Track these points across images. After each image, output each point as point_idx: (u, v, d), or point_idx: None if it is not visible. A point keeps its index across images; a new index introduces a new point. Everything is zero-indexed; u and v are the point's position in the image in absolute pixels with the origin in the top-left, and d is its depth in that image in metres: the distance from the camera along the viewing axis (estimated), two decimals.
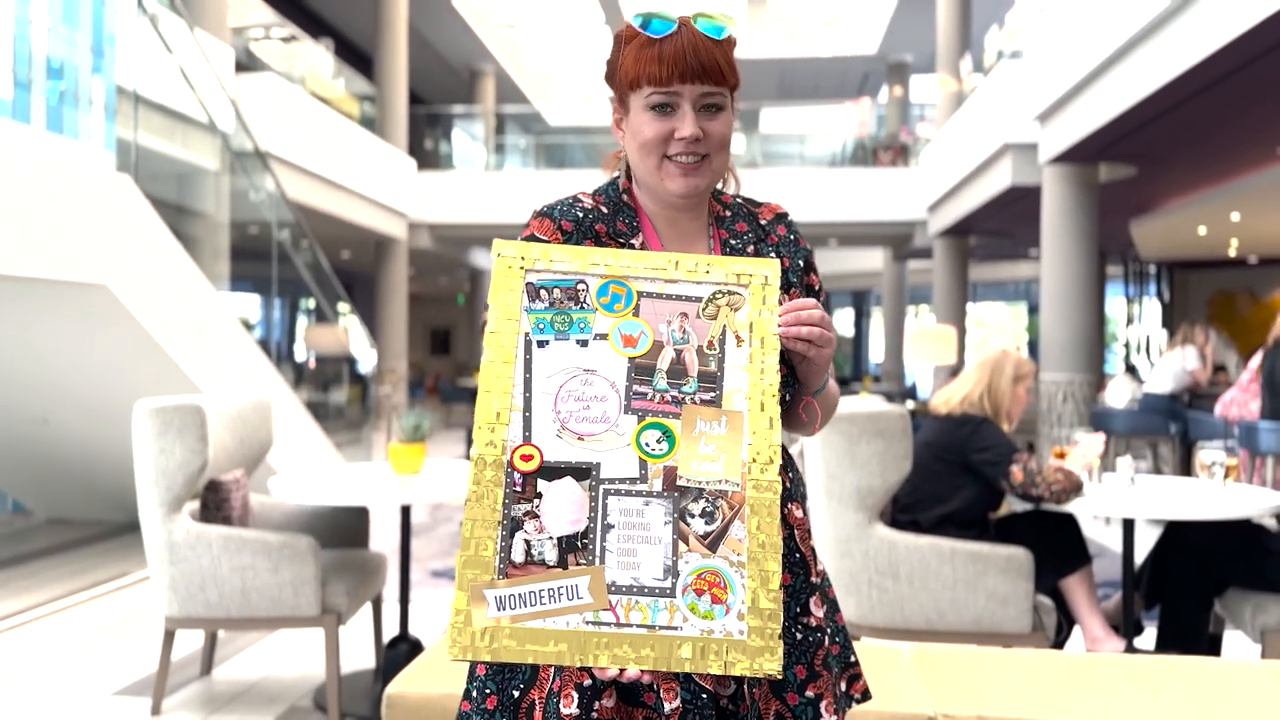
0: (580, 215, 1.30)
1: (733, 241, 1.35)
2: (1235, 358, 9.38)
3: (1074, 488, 3.10)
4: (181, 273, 5.28)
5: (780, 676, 1.03)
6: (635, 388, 1.10)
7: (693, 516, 1.05)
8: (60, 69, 4.57)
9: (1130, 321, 17.88)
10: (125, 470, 4.51)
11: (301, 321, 15.38)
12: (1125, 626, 3.23)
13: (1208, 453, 3.39)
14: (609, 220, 1.32)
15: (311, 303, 9.59)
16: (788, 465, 1.35)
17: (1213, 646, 3.34)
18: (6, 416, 5.45)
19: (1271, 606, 3.00)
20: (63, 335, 4.87)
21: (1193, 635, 3.25)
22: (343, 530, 3.59)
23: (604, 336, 1.12)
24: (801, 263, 1.38)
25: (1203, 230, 12.44)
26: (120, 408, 4.68)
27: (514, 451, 1.07)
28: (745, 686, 1.22)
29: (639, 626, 1.02)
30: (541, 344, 1.11)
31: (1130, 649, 3.20)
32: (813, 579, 1.32)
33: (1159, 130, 7.61)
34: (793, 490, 1.33)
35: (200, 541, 3.05)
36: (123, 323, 4.74)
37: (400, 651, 3.31)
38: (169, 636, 3.14)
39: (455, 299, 24.15)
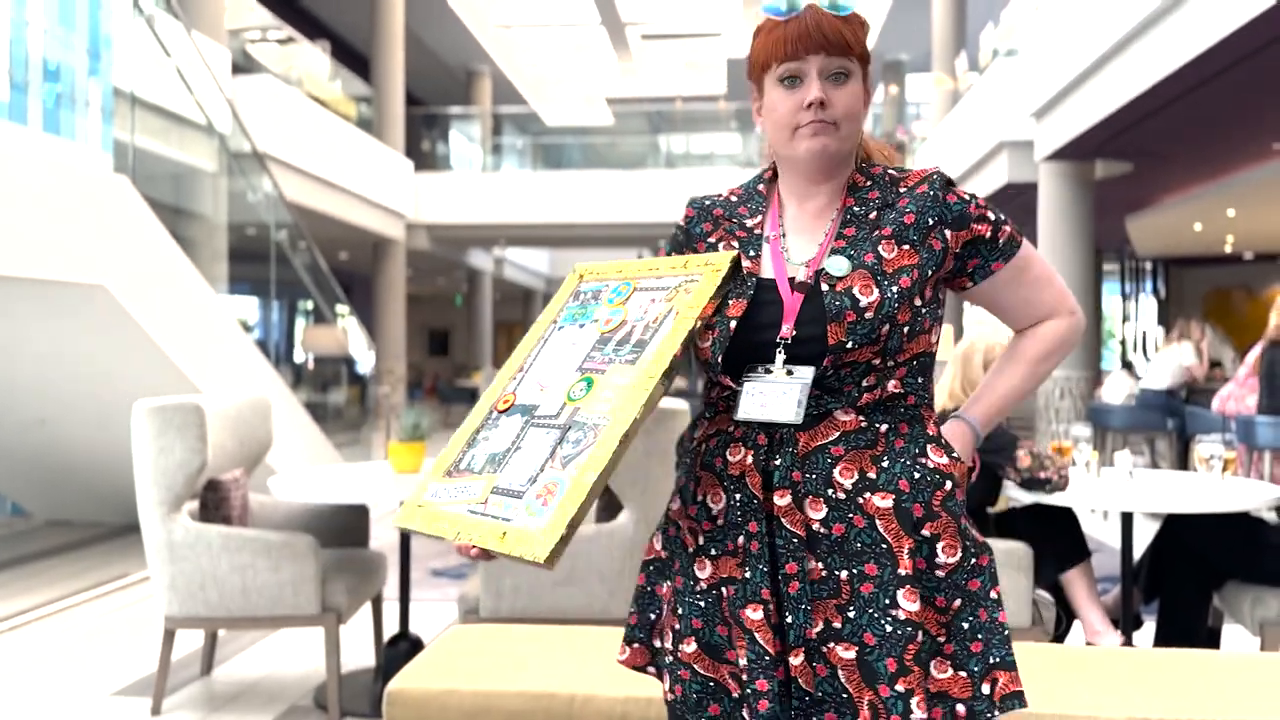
0: (707, 204, 1.48)
1: (856, 208, 1.36)
2: (1231, 353, 9.38)
3: (1066, 476, 3.12)
4: (179, 274, 5.28)
5: (541, 563, 1.14)
6: (591, 353, 1.35)
7: (567, 442, 1.24)
8: (57, 71, 4.57)
9: (1126, 318, 17.91)
10: (124, 471, 4.50)
11: (300, 323, 15.37)
12: (1124, 620, 3.23)
13: (1205, 446, 3.39)
14: (733, 207, 1.45)
15: (310, 304, 9.59)
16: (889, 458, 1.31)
17: (1212, 640, 3.34)
18: (4, 418, 5.45)
19: (1270, 600, 3.01)
20: (60, 336, 4.87)
21: (1192, 629, 3.25)
22: (342, 529, 3.59)
23: (596, 321, 1.39)
24: (932, 220, 1.33)
25: (1198, 226, 12.45)
26: (119, 408, 4.68)
27: (501, 397, 1.37)
28: (840, 674, 1.27)
29: (492, 517, 1.23)
30: (560, 328, 1.42)
31: (1129, 643, 3.21)
32: (900, 571, 1.27)
33: (1154, 127, 7.62)
34: (878, 481, 1.28)
35: (200, 541, 3.05)
36: (121, 323, 4.74)
37: (400, 650, 3.31)
38: (169, 636, 3.13)
39: (453, 300, 24.12)
